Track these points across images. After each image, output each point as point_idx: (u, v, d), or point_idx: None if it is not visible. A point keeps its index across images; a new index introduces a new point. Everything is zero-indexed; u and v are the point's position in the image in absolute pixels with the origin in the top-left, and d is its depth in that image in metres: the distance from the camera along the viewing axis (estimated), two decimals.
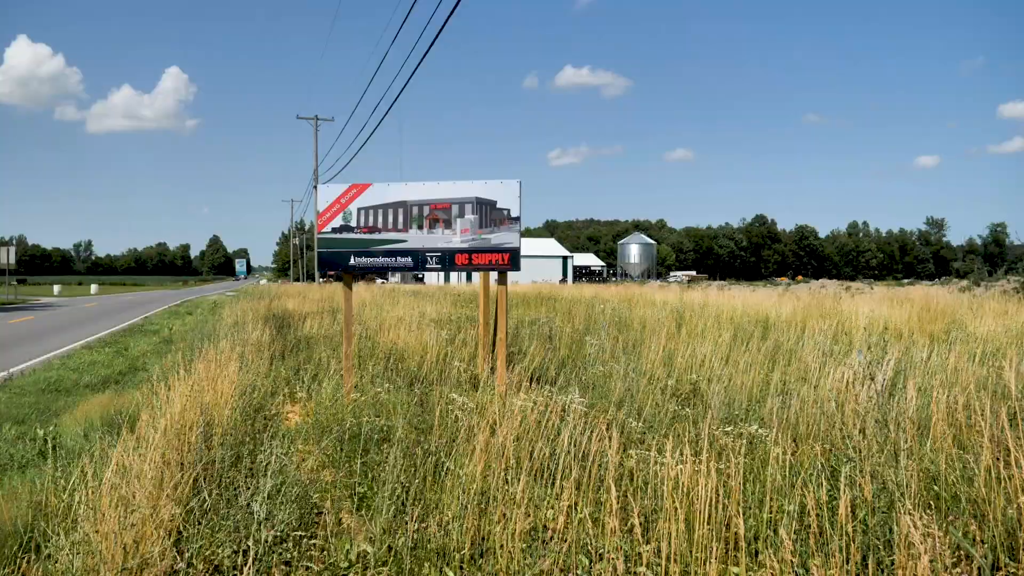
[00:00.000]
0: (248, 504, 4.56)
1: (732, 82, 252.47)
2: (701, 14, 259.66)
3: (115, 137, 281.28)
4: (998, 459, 4.18)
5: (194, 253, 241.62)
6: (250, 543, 4.27)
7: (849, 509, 3.49)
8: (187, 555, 4.08)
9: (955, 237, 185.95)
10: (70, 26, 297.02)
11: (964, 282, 35.73)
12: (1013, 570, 3.56)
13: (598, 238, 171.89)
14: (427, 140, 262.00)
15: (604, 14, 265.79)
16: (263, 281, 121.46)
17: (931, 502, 4.26)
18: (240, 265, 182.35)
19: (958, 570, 3.49)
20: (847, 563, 3.37)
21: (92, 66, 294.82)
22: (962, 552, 3.59)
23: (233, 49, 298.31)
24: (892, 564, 3.49)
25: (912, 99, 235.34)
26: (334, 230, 9.48)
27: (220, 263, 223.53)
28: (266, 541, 4.28)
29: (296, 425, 7.76)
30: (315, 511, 5.12)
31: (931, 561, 3.28)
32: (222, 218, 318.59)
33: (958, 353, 8.60)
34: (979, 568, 3.56)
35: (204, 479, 5.15)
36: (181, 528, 4.38)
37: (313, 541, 4.49)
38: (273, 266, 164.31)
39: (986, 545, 3.68)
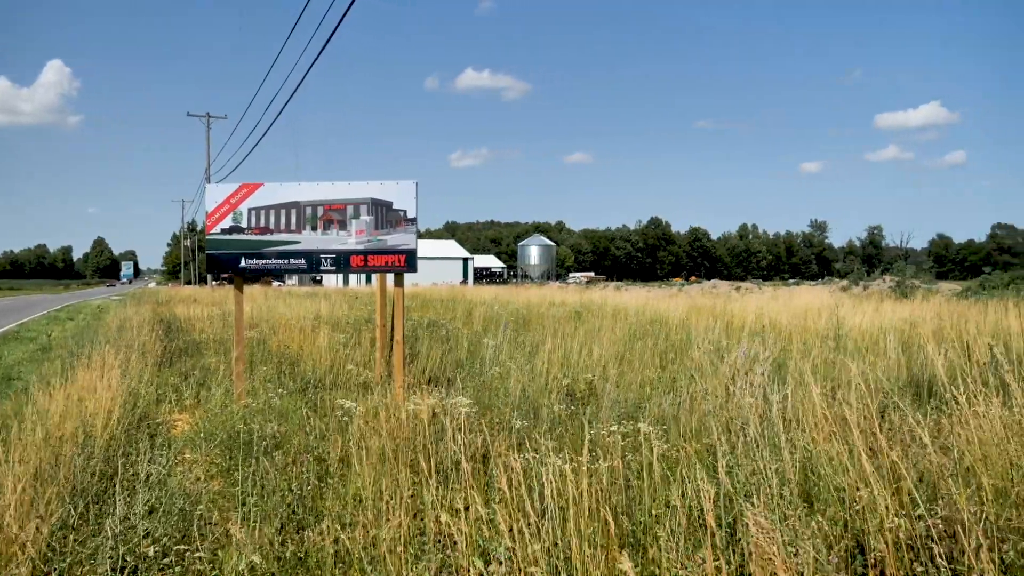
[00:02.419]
0: (127, 518, 4.36)
1: (628, 87, 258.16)
2: (598, 21, 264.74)
3: None
4: (871, 449, 4.40)
5: (77, 255, 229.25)
6: (129, 559, 4.08)
7: (722, 504, 3.62)
8: (54, 574, 3.86)
9: (836, 239, 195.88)
10: None
11: (844, 282, 37.65)
12: (881, 555, 3.75)
13: (499, 240, 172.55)
14: (326, 139, 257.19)
15: (505, 19, 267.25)
16: (152, 284, 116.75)
17: (808, 492, 4.46)
18: (127, 268, 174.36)
19: (832, 557, 3.66)
20: (726, 555, 3.49)
21: None
22: (831, 541, 3.76)
23: (120, 43, 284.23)
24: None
25: (796, 108, 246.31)
26: (223, 231, 9.20)
27: (105, 266, 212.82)
28: (145, 556, 4.10)
29: (184, 433, 7.48)
30: (202, 522, 4.93)
31: (793, 554, 3.43)
32: (108, 219, 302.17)
33: (835, 349, 9.04)
34: (848, 554, 3.75)
35: (80, 493, 4.90)
36: (50, 546, 4.14)
37: (198, 554, 4.33)
38: (163, 269, 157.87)
39: (855, 532, 3.87)
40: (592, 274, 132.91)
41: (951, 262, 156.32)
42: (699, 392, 6.52)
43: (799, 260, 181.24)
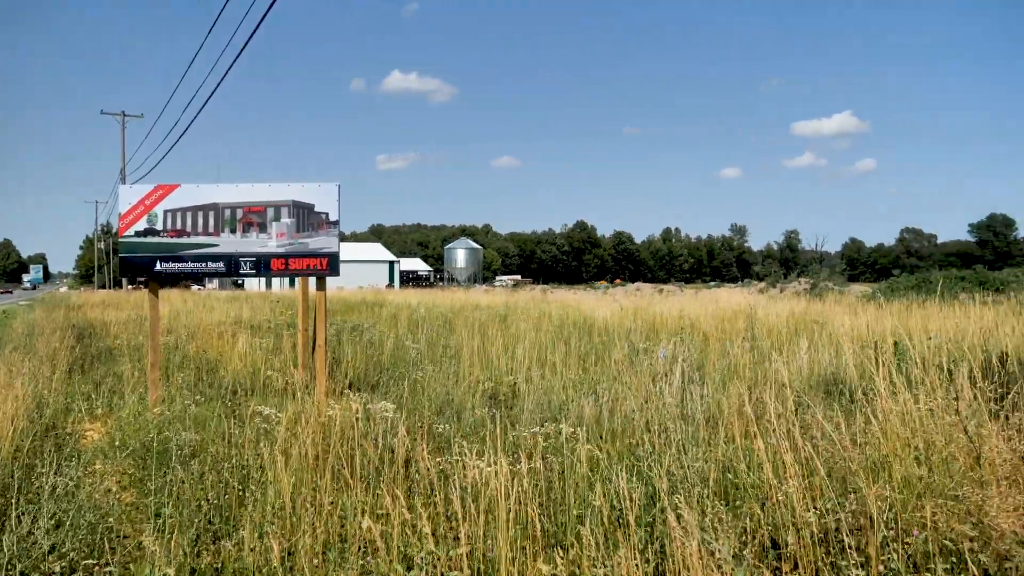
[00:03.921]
0: (30, 533, 4.18)
1: (556, 93, 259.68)
2: (525, 25, 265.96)
3: None
4: (785, 446, 4.54)
5: None
6: None
7: (640, 502, 3.67)
8: None
9: (755, 242, 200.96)
10: None
11: (763, 284, 38.84)
12: (794, 549, 3.87)
13: (426, 243, 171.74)
14: (249, 141, 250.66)
15: (432, 21, 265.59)
16: (63, 288, 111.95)
17: (726, 490, 4.58)
18: (35, 271, 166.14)
19: (749, 551, 3.76)
20: (645, 552, 3.55)
21: None
22: (747, 536, 3.86)
23: (29, 36, 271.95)
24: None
25: (717, 116, 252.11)
26: (138, 233, 8.91)
27: (12, 269, 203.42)
28: (52, 572, 3.94)
29: (94, 443, 7.21)
30: (113, 536, 4.76)
31: (703, 546, 3.52)
32: (16, 220, 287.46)
33: (751, 349, 9.29)
34: (763, 548, 3.85)
35: None
36: None
37: (108, 569, 4.17)
38: (76, 272, 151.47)
39: (769, 526, 3.98)
40: (519, 277, 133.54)
41: (863, 264, 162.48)
42: (620, 393, 6.61)
43: (720, 263, 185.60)
